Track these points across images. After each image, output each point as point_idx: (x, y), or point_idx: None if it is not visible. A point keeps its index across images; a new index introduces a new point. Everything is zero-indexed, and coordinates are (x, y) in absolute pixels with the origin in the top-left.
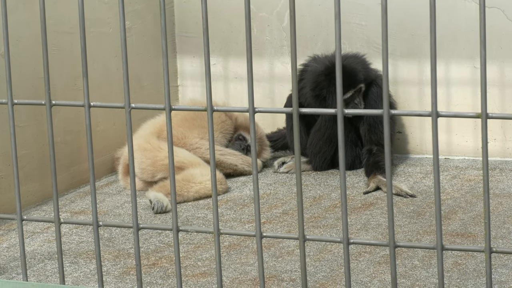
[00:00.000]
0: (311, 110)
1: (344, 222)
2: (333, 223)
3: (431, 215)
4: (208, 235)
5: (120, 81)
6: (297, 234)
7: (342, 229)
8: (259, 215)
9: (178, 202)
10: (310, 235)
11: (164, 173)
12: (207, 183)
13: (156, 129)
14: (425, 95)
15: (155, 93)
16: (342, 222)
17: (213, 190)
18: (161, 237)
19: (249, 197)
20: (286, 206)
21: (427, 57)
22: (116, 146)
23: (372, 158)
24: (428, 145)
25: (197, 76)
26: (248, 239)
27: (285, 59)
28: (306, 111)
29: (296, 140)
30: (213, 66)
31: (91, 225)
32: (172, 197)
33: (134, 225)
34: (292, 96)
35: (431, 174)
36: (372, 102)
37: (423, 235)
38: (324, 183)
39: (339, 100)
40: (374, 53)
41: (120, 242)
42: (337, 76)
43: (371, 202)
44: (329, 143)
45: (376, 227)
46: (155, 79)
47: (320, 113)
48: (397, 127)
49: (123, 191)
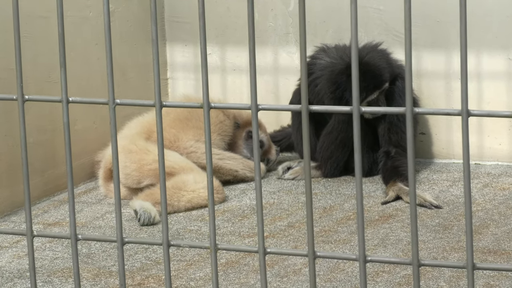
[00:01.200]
0: (321, 107)
1: (360, 237)
2: (346, 237)
3: (459, 229)
4: (203, 251)
5: (102, 73)
6: (305, 250)
7: (358, 244)
8: (262, 227)
9: (168, 213)
10: (320, 252)
11: (151, 179)
12: (201, 191)
13: (144, 129)
14: (452, 90)
15: (142, 86)
16: (358, 237)
17: (209, 199)
18: (148, 253)
19: (249, 208)
20: (292, 218)
21: (454, 47)
22: (97, 148)
23: (391, 162)
24: (456, 148)
25: (190, 68)
26: (248, 256)
27: (290, 48)
28: (317, 108)
29: (306, 142)
30: (209, 56)
31: (69, 238)
32: (162, 207)
33: (118, 239)
34: (301, 92)
35: (459, 182)
36: (397, 97)
37: (450, 252)
38: (336, 192)
39: (355, 96)
40: (393, 42)
41: (101, 258)
42: (353, 69)
43: (390, 213)
44: (342, 147)
45: (396, 242)
46: (141, 70)
47: (332, 111)
48: (420, 127)
49: (104, 199)
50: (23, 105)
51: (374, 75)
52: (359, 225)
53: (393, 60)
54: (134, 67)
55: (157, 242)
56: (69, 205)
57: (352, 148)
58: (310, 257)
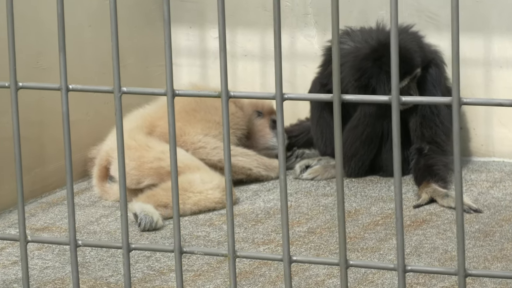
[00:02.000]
0: (356, 97)
1: (399, 244)
2: (375, 245)
3: (502, 236)
4: (212, 260)
5: (96, 58)
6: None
7: (397, 252)
8: (287, 232)
9: (171, 217)
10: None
11: (152, 179)
12: (209, 192)
13: (145, 122)
14: (492, 79)
15: (141, 74)
16: (397, 243)
17: (228, 200)
18: (150, 262)
19: (263, 211)
20: (312, 223)
21: (495, 30)
22: (90, 143)
23: (424, 161)
24: (497, 145)
25: (195, 53)
26: (264, 265)
27: (309, 31)
28: (350, 98)
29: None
30: (215, 40)
31: (67, 244)
32: (174, 209)
33: (124, 245)
34: (333, 80)
35: (501, 183)
36: (430, 87)
37: (492, 261)
38: (361, 194)
39: (395, 85)
40: (426, 24)
41: (97, 268)
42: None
43: (423, 218)
44: (368, 144)
45: (431, 251)
46: (140, 56)
47: (368, 101)
48: None
49: (98, 201)
50: (16, 93)
51: (404, 59)
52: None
53: (425, 44)
54: (132, 52)
55: (168, 249)
56: (68, 206)
57: (379, 145)
58: (342, 266)
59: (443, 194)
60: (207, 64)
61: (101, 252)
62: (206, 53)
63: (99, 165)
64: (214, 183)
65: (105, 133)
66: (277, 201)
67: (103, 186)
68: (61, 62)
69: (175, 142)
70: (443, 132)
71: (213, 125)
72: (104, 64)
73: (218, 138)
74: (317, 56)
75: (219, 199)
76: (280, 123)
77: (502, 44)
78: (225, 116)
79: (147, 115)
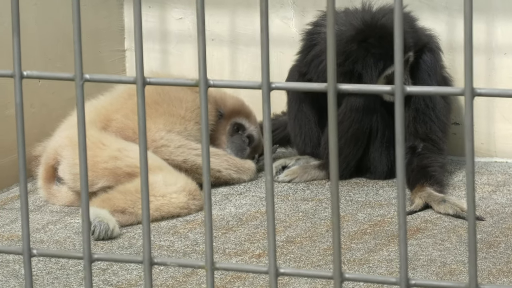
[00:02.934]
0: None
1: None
2: (363, 257)
3: (507, 247)
4: (178, 273)
5: (41, 42)
6: (329, 271)
7: (400, 265)
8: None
9: (130, 224)
10: (349, 273)
11: (108, 180)
12: (173, 196)
13: (99, 116)
14: (495, 68)
15: (93, 59)
16: (400, 255)
17: (206, 203)
18: (107, 276)
19: (234, 218)
20: (291, 231)
21: (498, 13)
22: (34, 139)
23: (417, 161)
24: (500, 144)
25: (155, 36)
26: (238, 279)
27: (286, 12)
28: (347, 88)
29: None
30: (179, 21)
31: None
32: (143, 214)
33: (85, 255)
34: (328, 67)
35: (504, 187)
36: (424, 75)
37: (498, 276)
38: (346, 198)
39: (399, 72)
40: (420, 5)
41: (45, 282)
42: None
43: (417, 226)
44: (354, 142)
45: (427, 263)
46: (92, 39)
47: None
48: (453, 115)
49: (44, 206)
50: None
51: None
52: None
53: (419, 28)
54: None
55: (137, 260)
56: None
57: (366, 144)
58: (336, 279)
59: (439, 199)
60: (168, 49)
61: (49, 264)
62: (167, 36)
63: (46, 164)
64: (179, 185)
65: (52, 128)
66: (250, 206)
67: (49, 189)
68: (14, 45)
69: (145, 138)
70: (439, 128)
71: (178, 119)
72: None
73: (183, 135)
74: (294, 41)
75: (184, 204)
76: (266, 116)
77: (506, 28)
78: (203, 107)
79: (101, 108)
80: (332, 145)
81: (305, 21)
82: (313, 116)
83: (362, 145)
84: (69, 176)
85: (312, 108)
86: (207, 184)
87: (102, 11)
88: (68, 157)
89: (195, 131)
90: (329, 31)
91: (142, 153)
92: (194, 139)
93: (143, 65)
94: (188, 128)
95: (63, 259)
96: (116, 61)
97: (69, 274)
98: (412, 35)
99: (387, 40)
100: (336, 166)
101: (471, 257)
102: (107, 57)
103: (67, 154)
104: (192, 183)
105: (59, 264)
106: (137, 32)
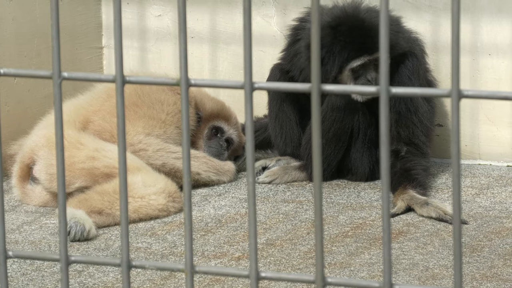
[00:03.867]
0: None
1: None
2: (344, 260)
3: (491, 251)
4: (155, 276)
5: (18, 39)
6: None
7: (384, 269)
8: (255, 243)
9: (107, 225)
10: (332, 277)
11: (85, 181)
12: (152, 198)
13: (79, 116)
14: (479, 69)
15: (70, 56)
16: (384, 259)
17: (186, 207)
18: (83, 278)
19: (214, 219)
20: (271, 233)
21: (483, 12)
22: (9, 137)
23: (400, 164)
24: (483, 146)
25: (133, 33)
26: (217, 283)
27: (267, 10)
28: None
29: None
30: (158, 18)
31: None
32: (122, 216)
33: (62, 257)
34: (312, 67)
35: (488, 190)
36: (405, 79)
37: (481, 281)
38: (327, 200)
39: (384, 73)
40: (404, 5)
41: (20, 284)
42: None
43: (400, 230)
44: (335, 142)
45: (409, 267)
46: (69, 36)
47: (351, 92)
48: (436, 117)
49: (19, 206)
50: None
51: (367, 34)
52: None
53: (405, 31)
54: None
55: (114, 263)
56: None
57: (348, 144)
58: (318, 284)
59: (422, 202)
60: (147, 47)
61: (24, 265)
62: (145, 34)
63: (21, 163)
64: (158, 187)
65: (27, 126)
66: (230, 208)
67: (23, 188)
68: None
69: (124, 138)
70: (422, 132)
71: (158, 123)
72: (26, 45)
73: (162, 138)
74: (276, 39)
75: (164, 206)
76: (249, 116)
77: (491, 28)
78: (184, 107)
79: (80, 108)
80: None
81: (286, 19)
82: (295, 116)
83: (344, 145)
84: (45, 176)
85: (293, 108)
86: (187, 186)
87: (79, 8)
88: (45, 157)
89: (175, 134)
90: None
91: (121, 153)
92: (173, 142)
93: (123, 63)
94: (167, 132)
95: (39, 260)
96: (93, 58)
97: (44, 276)
98: (392, 38)
99: (359, 32)
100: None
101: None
102: (84, 55)
103: (44, 154)
104: (172, 185)
105: (34, 265)
106: (117, 30)
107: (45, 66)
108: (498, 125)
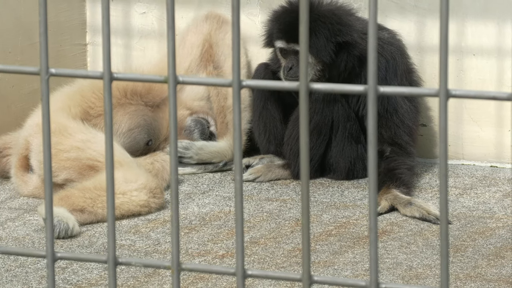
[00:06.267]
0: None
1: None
2: (328, 259)
3: (475, 251)
4: (139, 273)
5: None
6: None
7: (370, 269)
8: (241, 241)
9: (89, 223)
10: (318, 275)
11: (70, 173)
12: (134, 194)
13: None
14: (464, 69)
15: (54, 53)
16: (371, 258)
17: (173, 203)
18: (66, 274)
19: (198, 217)
20: (255, 231)
21: (468, 12)
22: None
23: (385, 164)
24: (467, 146)
25: (118, 30)
26: (201, 281)
27: (252, 9)
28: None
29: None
30: (142, 16)
31: None
32: (108, 213)
33: (48, 254)
34: (300, 65)
35: (472, 190)
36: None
37: (465, 281)
38: (311, 199)
39: (372, 72)
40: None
41: (4, 280)
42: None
43: (383, 229)
44: (317, 136)
45: (393, 267)
46: (53, 33)
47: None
48: (421, 117)
49: (3, 202)
50: None
51: (293, 22)
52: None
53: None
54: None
55: (101, 259)
56: None
57: (329, 138)
58: (304, 282)
59: (405, 202)
60: (131, 44)
61: (8, 261)
62: (131, 31)
63: (19, 154)
64: (139, 183)
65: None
66: (214, 206)
67: (22, 176)
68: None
69: (112, 135)
70: (405, 132)
71: None
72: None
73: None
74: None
75: (145, 202)
76: (236, 114)
77: (475, 28)
78: (172, 104)
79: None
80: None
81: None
82: (278, 114)
83: (325, 138)
84: (36, 163)
85: (277, 106)
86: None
87: (63, 4)
88: (36, 145)
89: None
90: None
91: (108, 151)
92: None
93: (110, 60)
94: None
95: (23, 256)
96: (78, 55)
97: (28, 272)
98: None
99: (294, 16)
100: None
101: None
102: (68, 51)
103: (36, 142)
104: (153, 181)
105: (18, 261)
106: (105, 27)
107: (29, 63)
108: (482, 126)
